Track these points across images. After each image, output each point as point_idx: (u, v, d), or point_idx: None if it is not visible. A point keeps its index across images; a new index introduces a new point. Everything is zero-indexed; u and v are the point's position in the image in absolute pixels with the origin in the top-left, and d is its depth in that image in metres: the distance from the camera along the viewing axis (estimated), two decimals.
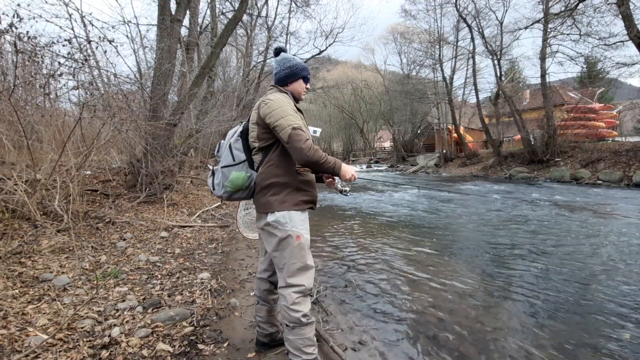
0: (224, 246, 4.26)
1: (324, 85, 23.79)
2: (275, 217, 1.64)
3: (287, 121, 1.56)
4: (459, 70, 24.63)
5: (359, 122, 39.81)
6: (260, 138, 1.67)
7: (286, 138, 1.54)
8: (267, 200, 1.66)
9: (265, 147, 1.68)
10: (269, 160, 1.67)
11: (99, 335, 1.98)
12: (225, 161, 1.75)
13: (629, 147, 13.53)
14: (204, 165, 10.15)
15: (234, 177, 1.68)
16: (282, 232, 1.64)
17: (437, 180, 16.78)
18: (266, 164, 1.68)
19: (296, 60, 1.81)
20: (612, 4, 12.87)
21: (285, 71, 1.77)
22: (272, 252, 1.70)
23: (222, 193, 1.73)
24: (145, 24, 16.94)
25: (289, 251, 1.65)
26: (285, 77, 1.78)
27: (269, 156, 1.68)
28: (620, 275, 3.33)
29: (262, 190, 1.69)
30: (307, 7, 17.85)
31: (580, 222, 5.79)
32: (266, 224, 1.67)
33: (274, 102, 1.62)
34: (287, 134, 1.54)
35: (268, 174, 1.66)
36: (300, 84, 1.81)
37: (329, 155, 1.64)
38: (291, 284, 1.64)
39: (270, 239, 1.70)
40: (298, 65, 1.79)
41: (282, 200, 1.65)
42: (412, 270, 3.59)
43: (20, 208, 3.35)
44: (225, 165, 1.74)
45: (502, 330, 2.35)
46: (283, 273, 1.67)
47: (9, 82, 3.88)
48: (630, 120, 27.86)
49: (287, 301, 1.62)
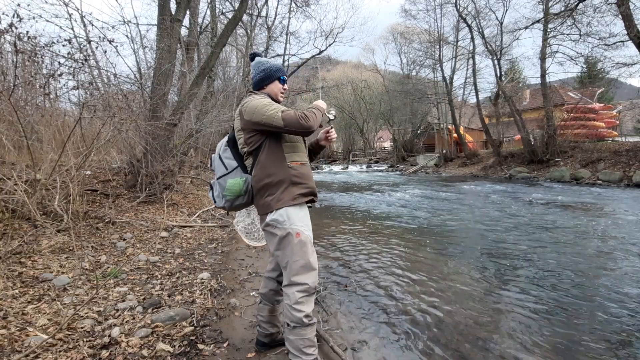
0: (224, 246, 4.26)
1: (324, 85, 23.80)
2: (273, 217, 1.66)
3: (272, 111, 1.61)
4: (459, 70, 24.70)
5: (359, 122, 39.82)
6: (248, 142, 1.71)
7: (281, 123, 1.59)
8: (264, 202, 1.69)
9: (253, 150, 1.71)
10: (259, 162, 1.70)
11: (99, 335, 1.98)
12: (219, 172, 1.78)
13: (629, 147, 13.53)
14: (204, 165, 10.15)
15: (230, 184, 1.70)
16: (281, 230, 1.65)
17: (437, 180, 16.78)
18: (257, 166, 1.71)
19: (270, 62, 1.83)
20: (612, 4, 12.87)
21: (260, 74, 1.81)
22: (274, 252, 1.72)
23: (224, 203, 1.75)
24: (145, 24, 17.00)
25: (290, 249, 1.65)
26: (260, 81, 1.82)
27: (258, 158, 1.71)
28: (621, 275, 3.33)
29: (258, 193, 1.71)
30: (307, 7, 17.90)
31: (580, 222, 5.79)
32: (266, 225, 1.69)
33: (253, 102, 1.67)
34: (279, 119, 1.59)
35: (261, 175, 1.69)
36: (276, 85, 1.84)
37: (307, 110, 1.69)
38: (295, 283, 1.64)
39: (271, 238, 1.72)
40: (272, 67, 1.82)
41: (278, 198, 1.66)
42: (412, 270, 3.59)
43: (20, 208, 3.35)
44: (220, 175, 1.77)
45: (502, 330, 2.35)
46: (287, 272, 1.67)
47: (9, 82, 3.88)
48: (630, 120, 27.89)
49: (291, 300, 1.62)
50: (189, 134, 7.33)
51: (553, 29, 15.66)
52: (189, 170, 9.14)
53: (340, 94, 35.95)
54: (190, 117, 8.59)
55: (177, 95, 8.48)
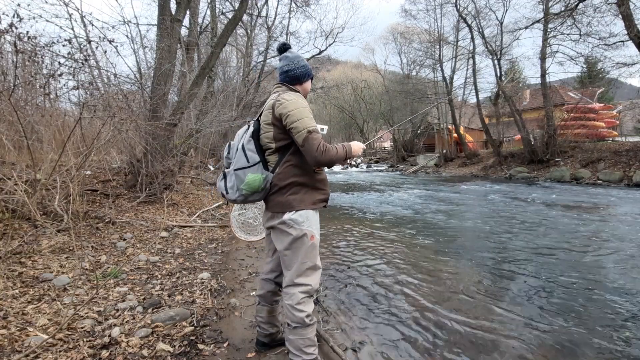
0: (224, 246, 4.26)
1: (324, 85, 23.80)
2: (292, 216, 1.63)
3: (303, 124, 1.55)
4: (459, 70, 24.65)
5: (359, 122, 39.82)
6: (277, 139, 1.64)
7: (301, 141, 1.55)
8: (286, 200, 1.64)
9: (282, 147, 1.65)
10: (288, 160, 1.65)
11: (99, 335, 1.98)
12: (239, 163, 1.66)
13: (629, 147, 13.53)
14: (204, 165, 10.16)
15: (250, 180, 1.61)
16: (297, 230, 1.63)
17: (437, 180, 16.78)
18: (284, 164, 1.65)
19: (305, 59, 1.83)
20: (612, 4, 12.87)
21: (300, 70, 1.76)
22: (283, 251, 1.68)
23: (237, 196, 1.66)
24: (145, 24, 16.99)
25: (303, 250, 1.65)
26: (300, 76, 1.76)
27: (287, 156, 1.65)
28: (621, 275, 3.33)
29: (280, 190, 1.65)
30: (307, 7, 17.87)
31: (581, 222, 5.79)
32: (281, 222, 1.65)
33: (290, 103, 1.59)
34: (302, 137, 1.54)
35: (287, 173, 1.64)
36: (309, 84, 1.84)
37: (338, 145, 1.65)
38: (299, 283, 1.64)
39: (282, 237, 1.68)
40: (308, 65, 1.81)
41: (301, 199, 1.65)
42: (412, 270, 3.59)
43: (20, 208, 3.35)
44: (239, 167, 1.65)
45: (503, 330, 2.35)
46: (291, 272, 1.66)
47: (9, 82, 3.88)
48: (630, 120, 27.87)
49: (293, 300, 1.62)
50: (189, 134, 7.33)
51: (553, 28, 15.65)
52: (189, 170, 9.13)
53: (340, 94, 35.92)
54: (190, 117, 8.59)
55: (177, 95, 8.47)
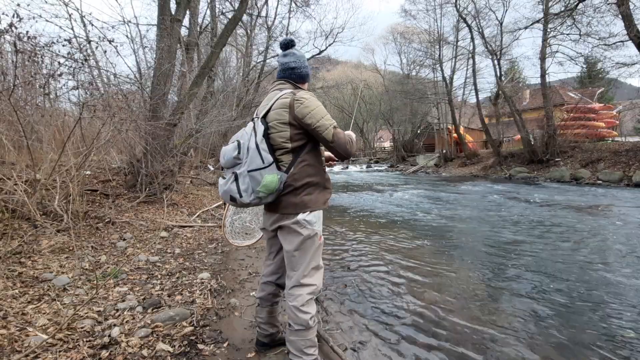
0: (224, 246, 4.26)
1: (324, 85, 23.79)
2: (307, 217, 1.61)
3: (327, 121, 1.59)
4: (458, 70, 24.67)
5: (359, 122, 39.81)
6: (294, 139, 1.61)
7: (330, 138, 1.58)
8: (300, 200, 1.61)
9: (297, 147, 1.63)
10: (303, 160, 1.63)
11: (99, 335, 1.98)
12: (254, 164, 1.56)
13: (629, 147, 13.54)
14: (203, 165, 10.15)
15: (268, 181, 1.54)
16: (309, 230, 1.62)
17: (437, 180, 16.78)
18: (300, 164, 1.63)
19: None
20: (612, 4, 12.88)
21: (306, 69, 1.78)
22: (292, 251, 1.64)
23: (252, 199, 1.56)
24: (145, 24, 16.93)
25: (312, 250, 1.64)
26: (305, 76, 1.79)
27: (302, 156, 1.64)
28: (621, 275, 3.33)
29: (294, 191, 1.61)
30: (307, 7, 17.86)
31: (580, 222, 5.79)
32: (294, 222, 1.61)
33: (310, 101, 1.60)
34: (330, 133, 1.58)
35: (302, 173, 1.62)
36: (308, 84, 1.86)
37: (344, 133, 1.68)
38: (305, 284, 1.63)
39: (292, 237, 1.64)
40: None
41: (315, 199, 1.65)
42: (412, 270, 3.59)
43: (20, 208, 3.35)
44: (255, 168, 1.56)
45: (503, 330, 2.35)
46: (298, 272, 1.64)
47: (9, 82, 3.87)
48: (630, 120, 27.90)
49: (298, 302, 1.60)
50: (189, 134, 7.33)
51: (553, 29, 15.67)
52: (189, 170, 9.13)
53: (340, 94, 35.92)
54: (190, 117, 8.58)
55: (177, 95, 8.46)
